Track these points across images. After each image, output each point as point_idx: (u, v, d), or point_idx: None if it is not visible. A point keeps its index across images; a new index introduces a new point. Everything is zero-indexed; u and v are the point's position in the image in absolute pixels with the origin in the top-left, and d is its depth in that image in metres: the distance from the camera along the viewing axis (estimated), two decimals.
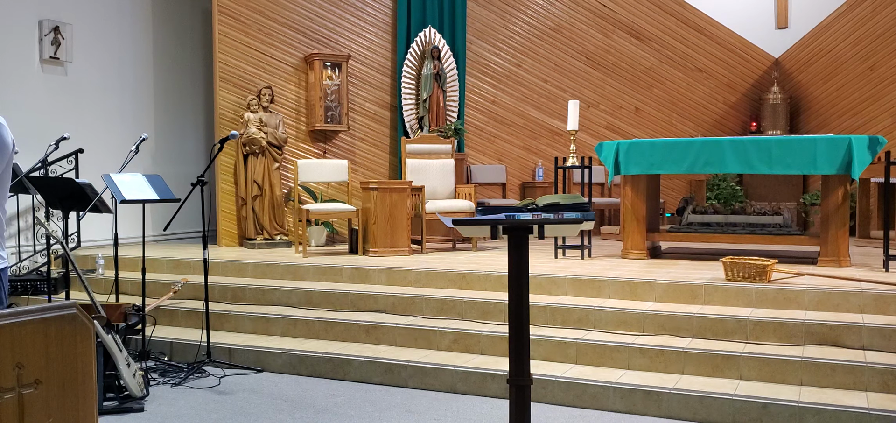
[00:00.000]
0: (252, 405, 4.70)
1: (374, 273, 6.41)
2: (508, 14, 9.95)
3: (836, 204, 6.09)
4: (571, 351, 4.97)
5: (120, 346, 4.68)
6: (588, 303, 5.35)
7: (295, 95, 8.81)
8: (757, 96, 10.38)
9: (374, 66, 9.30)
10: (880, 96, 9.30)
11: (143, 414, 4.54)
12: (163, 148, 9.06)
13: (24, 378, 2.05)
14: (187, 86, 9.47)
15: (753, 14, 10.39)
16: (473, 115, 9.82)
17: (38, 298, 6.90)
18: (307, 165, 7.93)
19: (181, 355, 5.72)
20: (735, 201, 8.35)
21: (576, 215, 2.73)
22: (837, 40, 9.73)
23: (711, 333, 4.92)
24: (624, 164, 6.57)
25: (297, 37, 8.77)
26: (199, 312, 6.01)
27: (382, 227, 7.30)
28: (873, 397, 4.20)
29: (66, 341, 2.15)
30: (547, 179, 9.95)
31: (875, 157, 6.05)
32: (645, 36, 10.29)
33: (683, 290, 5.38)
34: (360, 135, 9.21)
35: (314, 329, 5.79)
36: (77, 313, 2.18)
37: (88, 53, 8.28)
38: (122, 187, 5.55)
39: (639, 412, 4.45)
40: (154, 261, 7.09)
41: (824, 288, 5.08)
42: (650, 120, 10.38)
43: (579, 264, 6.43)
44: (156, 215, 8.81)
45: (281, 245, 8.26)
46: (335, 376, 5.28)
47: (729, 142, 6.30)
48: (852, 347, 4.63)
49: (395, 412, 4.51)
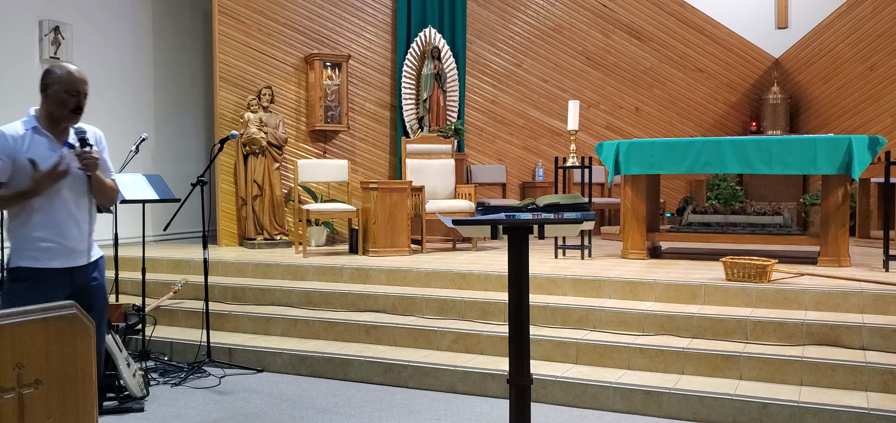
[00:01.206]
0: (252, 405, 4.70)
1: (374, 273, 6.41)
2: (508, 14, 9.95)
3: (836, 204, 6.09)
4: (571, 351, 4.97)
5: (120, 346, 4.68)
6: (588, 303, 5.35)
7: (295, 95, 8.81)
8: (757, 96, 10.38)
9: (374, 66, 9.30)
10: (880, 96, 9.31)
11: (143, 414, 4.54)
12: (163, 148, 9.06)
13: (24, 378, 2.05)
14: (187, 86, 9.47)
15: (753, 14, 10.39)
16: (473, 115, 9.82)
17: None
18: (307, 165, 7.93)
19: (181, 355, 5.72)
20: (735, 201, 8.35)
21: (576, 215, 2.73)
22: (837, 40, 9.73)
23: (711, 333, 4.92)
24: (624, 164, 6.57)
25: (297, 37, 8.77)
26: (199, 312, 6.01)
27: (382, 227, 7.30)
28: (873, 397, 4.20)
29: (66, 341, 2.15)
30: (547, 179, 9.95)
31: (875, 157, 6.05)
32: (645, 36, 10.29)
33: (683, 290, 5.38)
34: (360, 135, 9.22)
35: (314, 329, 5.79)
36: (77, 313, 2.18)
37: (88, 53, 8.27)
38: (121, 187, 5.55)
39: (639, 412, 4.45)
40: (154, 261, 7.09)
41: (824, 288, 5.08)
42: (650, 120, 10.38)
43: (579, 264, 6.43)
44: (156, 215, 8.81)
45: (281, 245, 8.26)
46: (335, 376, 5.28)
47: (729, 142, 6.30)
48: (852, 347, 4.63)
49: (395, 412, 4.51)
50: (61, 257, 3.09)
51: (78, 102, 3.09)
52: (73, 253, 3.12)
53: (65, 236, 3.10)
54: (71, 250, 3.12)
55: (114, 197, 3.31)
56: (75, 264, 3.13)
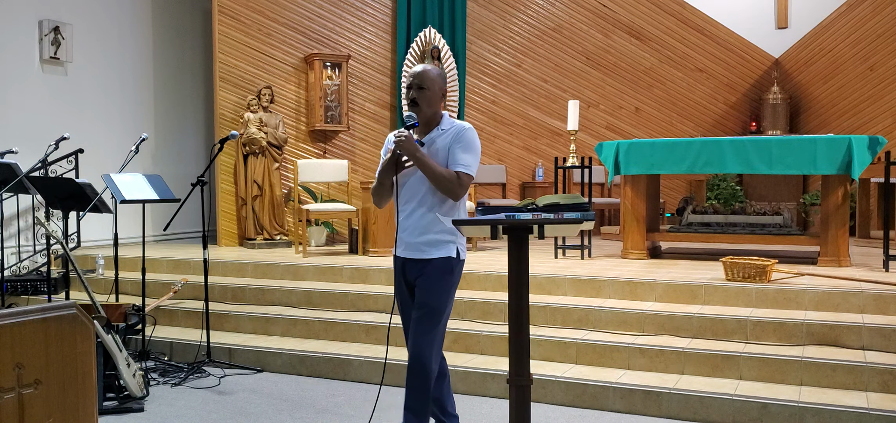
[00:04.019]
0: (252, 405, 4.70)
1: (374, 273, 6.41)
2: (508, 14, 9.95)
3: (836, 204, 6.09)
4: (571, 351, 4.97)
5: (120, 346, 4.68)
6: (588, 303, 5.35)
7: (295, 95, 8.81)
8: (757, 96, 10.38)
9: (374, 66, 9.30)
10: (880, 96, 9.30)
11: (143, 414, 4.54)
12: (163, 148, 9.06)
13: (24, 378, 2.05)
14: (187, 86, 9.47)
15: (753, 14, 10.39)
16: (473, 115, 9.81)
17: (38, 298, 6.90)
18: (307, 165, 7.93)
19: (181, 355, 5.72)
20: (735, 201, 8.35)
21: (576, 215, 2.73)
22: (837, 40, 9.73)
23: (711, 333, 4.92)
24: (624, 164, 6.57)
25: (297, 37, 8.77)
26: (199, 312, 6.01)
27: (382, 227, 7.30)
28: (873, 397, 4.20)
29: (66, 341, 2.15)
30: (547, 179, 9.95)
31: (875, 157, 6.05)
32: (645, 36, 10.29)
33: (683, 290, 5.38)
34: (360, 135, 9.21)
35: (314, 329, 5.79)
36: (77, 313, 2.18)
37: (88, 53, 8.28)
38: (122, 187, 5.55)
39: (639, 412, 4.45)
40: (154, 261, 7.09)
41: (824, 288, 5.08)
42: (650, 120, 10.38)
43: (579, 264, 6.43)
44: (156, 215, 8.81)
45: (281, 245, 8.26)
46: (335, 376, 5.28)
47: (729, 142, 6.30)
48: (852, 347, 4.63)
49: (395, 412, 4.51)
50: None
51: (407, 96, 3.37)
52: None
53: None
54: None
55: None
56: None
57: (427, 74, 3.32)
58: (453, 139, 3.30)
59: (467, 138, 3.30)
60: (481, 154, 3.57)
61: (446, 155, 3.29)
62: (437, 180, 3.26)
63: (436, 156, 3.29)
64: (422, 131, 3.37)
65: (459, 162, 3.28)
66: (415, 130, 3.33)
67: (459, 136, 3.31)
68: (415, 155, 3.24)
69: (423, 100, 3.31)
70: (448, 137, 3.32)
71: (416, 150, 3.24)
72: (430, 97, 3.32)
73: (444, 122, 3.37)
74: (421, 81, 3.31)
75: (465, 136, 3.31)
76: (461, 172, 3.27)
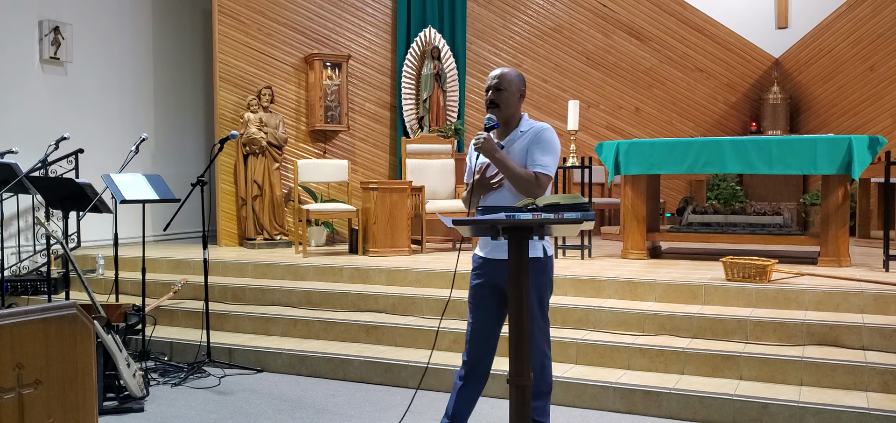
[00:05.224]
0: (252, 405, 4.70)
1: (374, 273, 6.41)
2: (508, 14, 9.95)
3: (836, 204, 6.09)
4: (571, 351, 4.96)
5: (120, 346, 4.68)
6: (588, 303, 5.35)
7: (295, 95, 8.81)
8: (757, 96, 10.38)
9: (374, 66, 9.29)
10: (880, 96, 9.30)
11: (143, 414, 4.54)
12: (163, 148, 9.06)
13: (24, 378, 2.05)
14: (187, 86, 9.47)
15: (753, 14, 10.38)
16: (473, 115, 9.81)
17: (38, 298, 6.90)
18: (307, 165, 7.93)
19: (181, 355, 5.72)
20: (735, 201, 8.34)
21: (576, 215, 2.72)
22: (837, 40, 9.73)
23: (711, 333, 4.92)
24: (624, 164, 6.57)
25: (297, 37, 8.77)
26: (199, 312, 6.01)
27: (382, 227, 7.30)
28: (873, 397, 4.20)
29: (66, 341, 2.15)
30: None
31: (875, 157, 6.05)
32: (645, 36, 10.29)
33: (683, 290, 5.38)
34: (360, 135, 9.21)
35: (314, 329, 5.79)
36: (77, 313, 2.18)
37: (88, 53, 8.28)
38: (122, 187, 5.55)
39: (639, 412, 4.45)
40: (154, 261, 7.09)
41: (824, 288, 5.08)
42: (650, 120, 10.38)
43: (579, 264, 6.43)
44: (156, 215, 8.81)
45: (281, 245, 8.26)
46: (335, 376, 5.28)
47: (729, 142, 6.29)
48: (852, 347, 4.63)
49: (395, 412, 4.51)
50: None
51: (488, 98, 3.40)
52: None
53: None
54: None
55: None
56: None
57: (506, 75, 3.36)
58: (531, 140, 3.34)
59: (546, 139, 3.33)
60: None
61: (524, 156, 3.33)
62: (516, 181, 3.31)
63: (514, 157, 3.33)
64: (501, 133, 3.42)
65: (538, 163, 3.31)
66: (494, 131, 3.37)
67: (538, 137, 3.33)
68: (494, 156, 3.30)
69: (501, 101, 3.35)
70: (526, 138, 3.35)
71: (495, 151, 3.29)
72: (509, 98, 3.36)
73: (523, 123, 3.40)
74: (499, 82, 3.35)
75: (543, 136, 3.34)
76: (540, 173, 3.30)
